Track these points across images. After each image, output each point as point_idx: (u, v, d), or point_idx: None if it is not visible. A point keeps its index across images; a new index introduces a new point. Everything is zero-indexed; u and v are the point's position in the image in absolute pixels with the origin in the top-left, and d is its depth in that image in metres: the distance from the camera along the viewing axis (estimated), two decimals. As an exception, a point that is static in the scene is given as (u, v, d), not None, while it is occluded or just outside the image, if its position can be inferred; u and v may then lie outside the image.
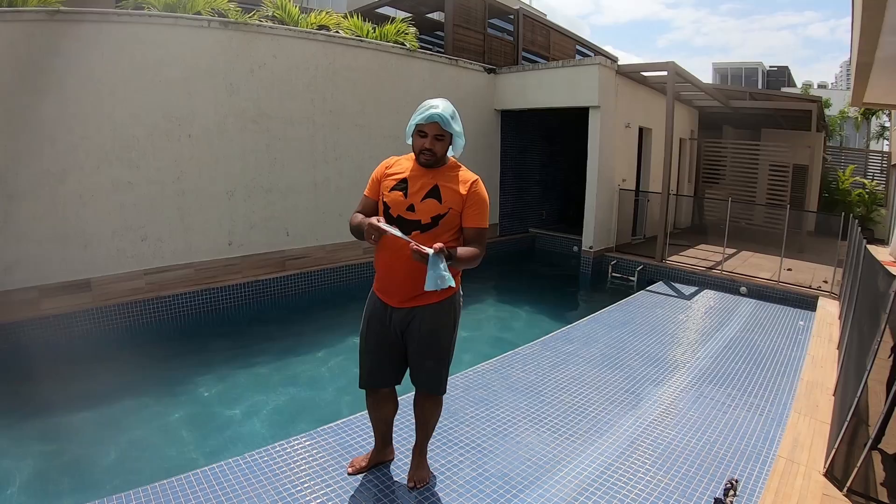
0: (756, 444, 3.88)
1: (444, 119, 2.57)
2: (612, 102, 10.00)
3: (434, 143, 2.61)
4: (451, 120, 2.59)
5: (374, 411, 3.12)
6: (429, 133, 2.61)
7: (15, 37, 5.63)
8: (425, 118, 2.58)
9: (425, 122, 2.59)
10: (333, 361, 5.70)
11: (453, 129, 2.61)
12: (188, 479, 3.17)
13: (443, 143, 2.64)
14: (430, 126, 2.60)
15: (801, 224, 11.35)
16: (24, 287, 5.84)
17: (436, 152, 2.63)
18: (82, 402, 4.66)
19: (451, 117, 2.60)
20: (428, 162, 2.66)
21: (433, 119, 2.57)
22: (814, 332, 6.36)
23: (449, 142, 2.67)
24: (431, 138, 2.61)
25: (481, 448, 3.65)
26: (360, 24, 8.88)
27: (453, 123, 2.61)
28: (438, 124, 2.58)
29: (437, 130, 2.60)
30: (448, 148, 2.70)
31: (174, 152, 6.79)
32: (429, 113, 2.57)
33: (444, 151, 2.67)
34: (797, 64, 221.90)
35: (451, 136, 2.66)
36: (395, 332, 2.80)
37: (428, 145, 2.62)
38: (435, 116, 2.57)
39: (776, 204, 11.96)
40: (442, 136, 2.62)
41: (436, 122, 2.58)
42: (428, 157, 2.64)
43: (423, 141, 2.63)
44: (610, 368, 5.18)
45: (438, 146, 2.62)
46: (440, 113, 2.57)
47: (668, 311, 7.28)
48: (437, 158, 2.65)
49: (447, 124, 2.58)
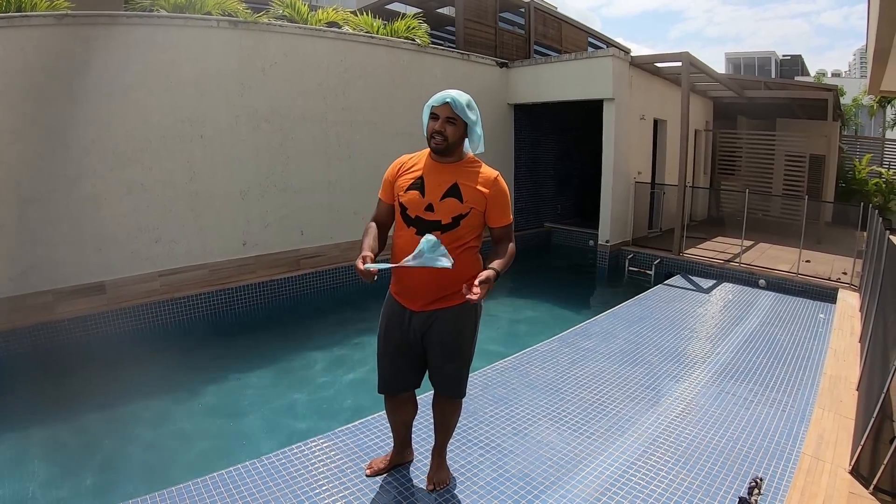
0: (780, 441, 3.80)
1: (457, 102, 2.50)
2: (627, 94, 9.89)
3: (445, 125, 2.53)
4: (464, 106, 2.52)
5: (392, 415, 3.08)
6: (440, 115, 2.54)
7: (25, 42, 5.63)
8: (437, 100, 2.53)
9: (437, 103, 2.54)
10: (350, 361, 5.67)
11: (467, 116, 2.53)
12: (204, 483, 3.15)
13: (455, 129, 2.55)
14: (441, 108, 2.54)
15: (819, 214, 11.19)
16: (40, 291, 5.85)
17: (447, 136, 2.54)
18: (97, 404, 4.67)
19: (465, 104, 2.53)
20: (439, 147, 2.57)
21: (444, 100, 2.51)
22: (835, 326, 6.25)
23: (463, 130, 2.59)
24: (443, 120, 2.53)
25: (501, 448, 3.60)
26: (369, 21, 8.83)
27: (468, 111, 2.54)
28: (449, 105, 2.51)
29: (449, 112, 2.52)
30: (461, 136, 2.60)
31: (187, 153, 6.78)
32: (441, 95, 2.53)
33: (456, 137, 2.57)
34: (810, 52, 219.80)
35: (465, 126, 2.58)
36: (414, 335, 2.73)
37: (438, 127, 2.53)
38: (447, 97, 2.51)
39: (793, 194, 11.81)
40: (454, 119, 2.53)
41: (447, 102, 2.51)
42: (439, 141, 2.55)
43: (433, 124, 2.56)
44: (630, 364, 5.12)
45: (450, 130, 2.54)
46: (453, 96, 2.51)
47: (686, 304, 7.19)
48: (448, 144, 2.56)
49: (459, 108, 2.51)
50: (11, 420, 4.34)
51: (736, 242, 9.39)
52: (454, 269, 2.54)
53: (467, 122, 2.56)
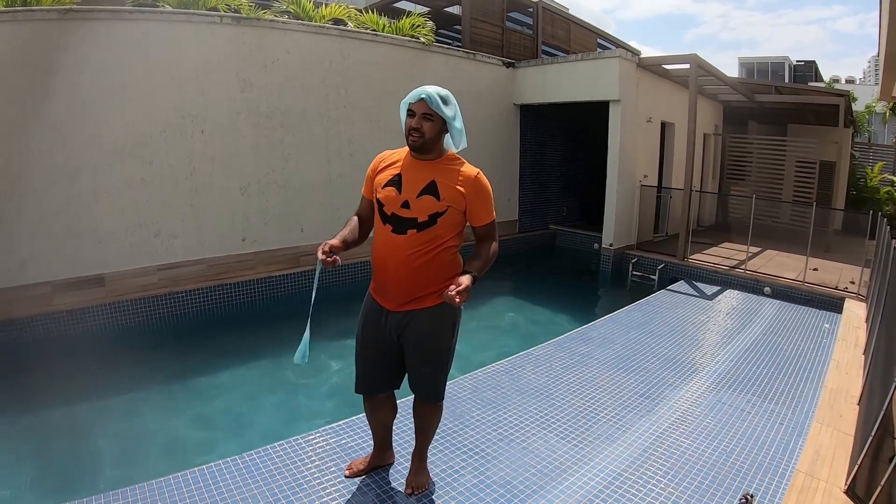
0: (775, 455, 3.71)
1: (432, 98, 2.45)
2: (633, 96, 9.78)
3: (421, 121, 2.48)
4: (440, 102, 2.46)
5: (371, 416, 3.03)
6: (416, 112, 2.49)
7: (27, 36, 5.64)
8: (413, 97, 2.48)
9: (413, 100, 2.48)
10: (341, 360, 5.61)
11: (444, 112, 2.47)
12: (185, 477, 3.13)
13: (432, 125, 2.49)
14: (417, 104, 2.49)
15: (828, 222, 11.02)
16: (38, 282, 5.87)
17: (424, 133, 2.48)
18: (89, 395, 4.65)
19: (441, 99, 2.47)
20: (416, 144, 2.51)
21: (420, 96, 2.46)
22: (839, 336, 6.12)
23: (440, 126, 2.53)
24: (419, 117, 2.48)
25: (485, 453, 3.54)
26: (375, 19, 8.79)
27: (444, 107, 2.48)
28: (425, 101, 2.46)
29: (425, 109, 2.47)
30: (439, 132, 2.54)
31: (187, 148, 6.77)
32: (416, 91, 2.48)
33: (433, 134, 2.51)
34: (825, 59, 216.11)
35: (442, 122, 2.52)
36: (391, 335, 2.68)
37: (415, 124, 2.48)
38: (422, 93, 2.46)
39: (802, 201, 11.65)
40: (430, 115, 2.48)
41: (422, 99, 2.46)
42: (416, 137, 2.50)
43: (410, 121, 2.51)
44: (625, 371, 5.03)
45: (427, 126, 2.48)
46: (428, 92, 2.46)
47: (688, 311, 7.08)
48: (425, 141, 2.50)
49: (435, 104, 2.45)
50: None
51: (742, 249, 9.27)
52: (432, 268, 2.50)
53: (444, 118, 2.50)
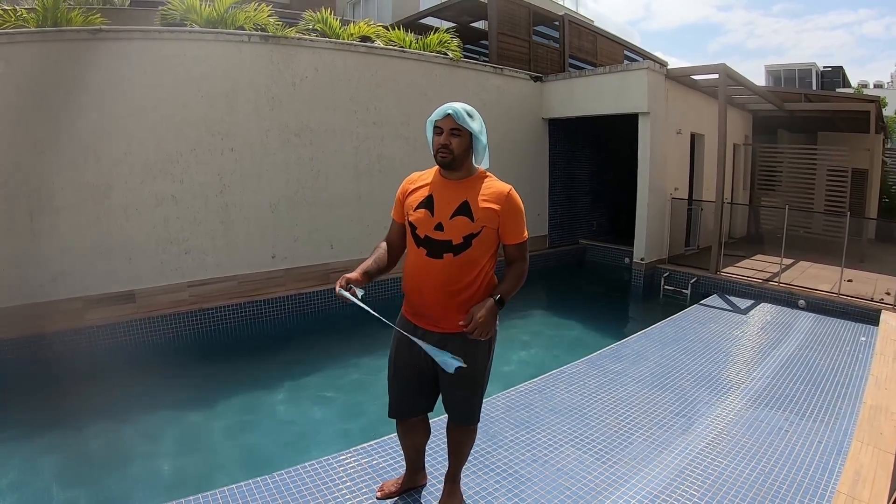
0: (814, 475, 3.59)
1: (458, 113, 2.42)
2: (662, 108, 9.69)
3: (450, 138, 2.45)
4: (466, 116, 2.44)
5: (404, 439, 3.00)
6: (444, 128, 2.46)
7: (59, 56, 5.80)
8: (439, 113, 2.46)
9: (439, 117, 2.46)
10: (372, 378, 5.59)
11: (470, 125, 2.44)
12: (213, 496, 3.12)
13: (460, 140, 2.46)
14: (444, 121, 2.46)
15: (862, 231, 10.79)
16: (69, 298, 5.98)
17: (452, 149, 2.46)
18: (121, 411, 4.71)
19: (466, 114, 2.45)
20: (445, 161, 2.49)
21: (446, 112, 2.44)
22: (877, 350, 5.94)
23: (468, 142, 2.50)
24: (447, 133, 2.45)
25: (519, 475, 3.48)
26: (402, 36, 8.85)
27: (470, 121, 2.45)
28: (452, 117, 2.43)
29: (452, 124, 2.44)
30: (467, 148, 2.51)
31: (217, 166, 6.85)
32: (442, 108, 2.46)
33: (462, 149, 2.48)
34: (852, 64, 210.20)
35: (469, 136, 2.49)
36: (425, 359, 2.62)
37: (443, 140, 2.45)
38: (448, 109, 2.44)
39: (835, 211, 11.41)
40: (458, 130, 2.45)
41: (449, 115, 2.44)
42: (445, 154, 2.47)
43: (438, 138, 2.48)
44: (660, 389, 4.94)
45: (455, 142, 2.46)
46: (455, 107, 2.43)
47: (722, 326, 6.95)
48: (454, 157, 2.47)
49: (462, 119, 2.43)
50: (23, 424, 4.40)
51: (775, 261, 9.09)
52: (469, 292, 2.48)
53: (472, 132, 2.47)
